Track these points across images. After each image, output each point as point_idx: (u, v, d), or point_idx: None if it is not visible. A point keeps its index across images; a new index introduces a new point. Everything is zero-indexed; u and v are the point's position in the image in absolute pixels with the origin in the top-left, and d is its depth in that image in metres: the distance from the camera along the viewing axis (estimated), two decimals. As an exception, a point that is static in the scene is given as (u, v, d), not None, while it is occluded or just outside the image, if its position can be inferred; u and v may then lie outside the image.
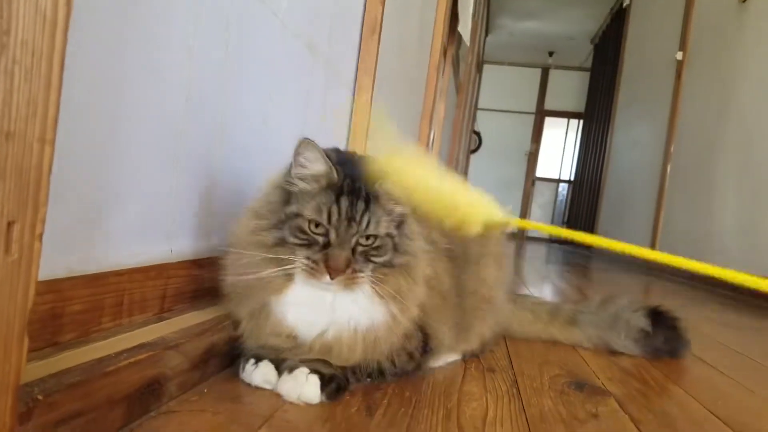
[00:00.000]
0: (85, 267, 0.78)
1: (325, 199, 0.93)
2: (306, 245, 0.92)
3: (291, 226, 0.93)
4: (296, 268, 0.92)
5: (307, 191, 0.95)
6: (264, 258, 0.93)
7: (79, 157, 0.74)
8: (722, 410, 1.12)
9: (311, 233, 0.92)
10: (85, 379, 0.64)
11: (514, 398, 1.06)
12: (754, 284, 0.45)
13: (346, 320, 0.97)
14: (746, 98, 4.24)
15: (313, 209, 0.92)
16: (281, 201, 0.96)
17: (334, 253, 0.91)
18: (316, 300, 0.95)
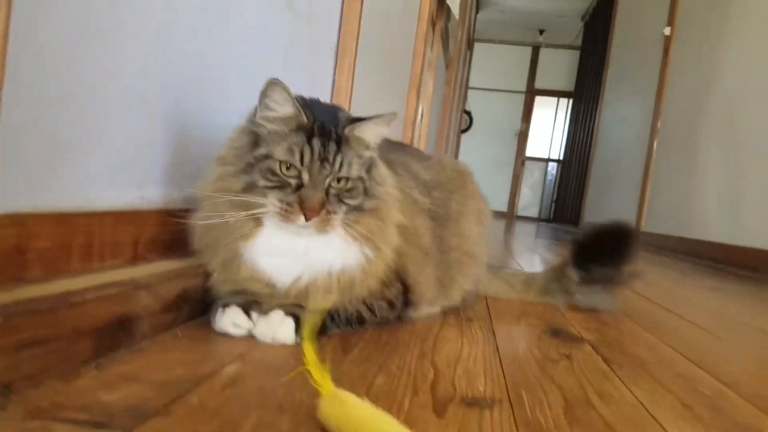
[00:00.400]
0: (52, 204, 0.77)
1: (297, 141, 0.92)
2: (278, 187, 0.91)
3: (261, 168, 0.91)
4: (267, 211, 0.91)
5: (277, 133, 0.93)
6: (231, 202, 0.92)
7: (47, 92, 0.73)
8: (693, 354, 1.14)
9: (283, 175, 0.91)
10: (49, 307, 0.64)
11: (490, 342, 1.07)
12: None
13: (319, 264, 0.97)
14: (731, 73, 4.24)
15: (284, 150, 0.91)
16: (249, 145, 0.95)
17: (308, 194, 0.90)
18: (288, 246, 0.95)
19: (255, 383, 0.73)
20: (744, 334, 1.50)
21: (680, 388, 0.91)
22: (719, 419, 0.78)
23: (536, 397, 0.79)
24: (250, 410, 0.64)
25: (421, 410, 0.70)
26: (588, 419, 0.73)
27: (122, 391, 0.65)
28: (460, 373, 0.87)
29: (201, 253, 0.99)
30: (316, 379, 0.62)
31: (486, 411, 0.72)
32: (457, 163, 1.43)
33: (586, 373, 0.94)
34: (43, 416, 0.56)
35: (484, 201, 1.41)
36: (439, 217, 1.27)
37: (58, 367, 0.66)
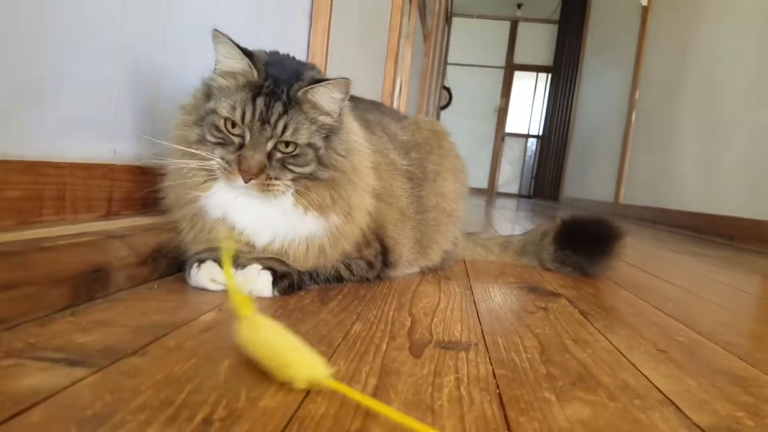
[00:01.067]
0: (21, 153, 0.76)
1: (241, 98, 0.89)
2: (221, 144, 0.89)
3: (208, 123, 0.89)
4: (212, 167, 0.89)
5: (225, 88, 0.91)
6: (185, 152, 0.90)
7: (11, 34, 0.71)
8: (670, 309, 1.16)
9: (227, 132, 0.89)
10: (20, 251, 0.63)
11: (467, 297, 1.09)
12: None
13: (284, 231, 0.96)
14: (707, 42, 4.28)
15: (227, 107, 0.88)
16: (203, 96, 0.93)
17: (246, 154, 0.87)
18: (249, 205, 0.93)
19: (232, 328, 0.72)
20: (720, 292, 1.54)
21: (656, 336, 0.93)
22: (695, 363, 0.80)
23: (512, 342, 0.81)
24: (227, 351, 0.64)
25: (399, 352, 0.71)
26: (563, 361, 0.75)
27: (98, 334, 0.64)
28: (437, 321, 0.88)
29: (171, 210, 0.97)
30: (236, 305, 0.62)
31: (462, 353, 0.73)
32: (432, 123, 1.42)
33: (562, 323, 0.95)
34: (17, 355, 0.56)
35: (461, 160, 1.41)
36: (416, 177, 1.27)
37: (33, 313, 0.66)
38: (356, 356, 0.67)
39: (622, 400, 0.63)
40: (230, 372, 0.58)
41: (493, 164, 11.05)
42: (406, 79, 4.53)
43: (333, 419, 0.50)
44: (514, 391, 0.61)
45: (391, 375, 0.62)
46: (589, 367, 0.73)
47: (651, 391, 0.66)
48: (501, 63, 10.87)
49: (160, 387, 0.52)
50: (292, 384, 0.55)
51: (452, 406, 0.56)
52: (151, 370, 0.56)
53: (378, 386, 0.59)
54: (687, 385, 0.70)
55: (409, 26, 4.34)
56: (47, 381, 0.51)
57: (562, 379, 0.67)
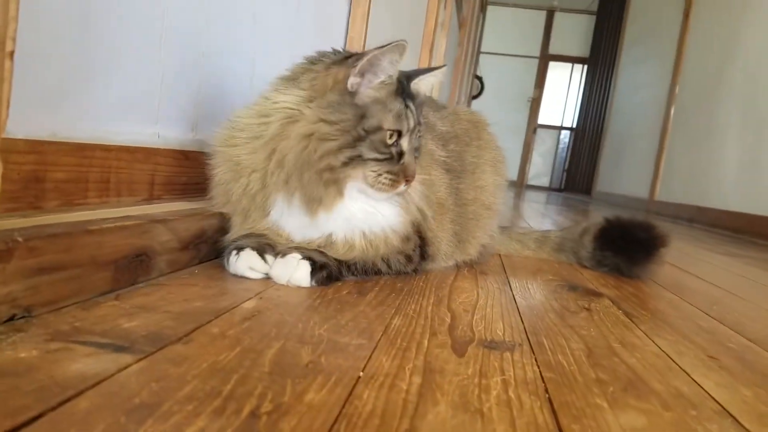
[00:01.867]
0: (69, 134, 0.75)
1: (399, 106, 0.92)
2: (387, 159, 0.91)
3: (373, 141, 0.90)
4: (366, 184, 0.92)
5: (379, 100, 0.91)
6: (324, 184, 0.90)
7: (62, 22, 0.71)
8: (716, 312, 1.12)
9: (390, 146, 0.91)
10: (66, 232, 0.63)
11: (506, 293, 1.06)
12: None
13: (364, 225, 0.97)
14: (753, 37, 4.13)
15: (392, 119, 0.91)
16: (355, 118, 0.90)
17: (411, 162, 0.93)
18: (349, 212, 0.95)
19: (274, 317, 0.72)
20: (766, 296, 1.48)
21: (705, 341, 0.89)
22: (747, 371, 0.77)
23: (557, 343, 0.78)
24: (270, 341, 0.63)
25: (441, 349, 0.69)
26: (611, 365, 0.72)
27: (141, 319, 0.64)
28: (477, 319, 0.86)
29: (219, 198, 0.97)
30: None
31: (507, 353, 0.71)
32: (472, 113, 1.39)
33: (607, 324, 0.93)
34: (64, 338, 0.55)
35: (500, 150, 1.38)
36: (455, 170, 1.25)
37: (78, 295, 0.66)
38: (398, 352, 0.66)
39: (677, 409, 0.60)
40: (275, 363, 0.57)
41: (524, 156, 10.91)
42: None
43: (380, 418, 0.49)
44: (564, 396, 0.59)
45: (436, 374, 0.61)
46: (640, 373, 0.70)
47: (706, 401, 0.64)
48: (535, 53, 10.69)
49: (205, 377, 0.52)
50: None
51: (501, 409, 0.54)
52: (196, 358, 0.55)
53: (423, 385, 0.57)
54: (743, 395, 0.67)
55: (445, 14, 4.29)
56: (94, 367, 0.50)
57: (612, 385, 0.65)
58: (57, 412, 0.42)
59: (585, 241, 1.48)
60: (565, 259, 1.51)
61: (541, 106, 10.80)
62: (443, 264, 1.23)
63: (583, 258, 1.47)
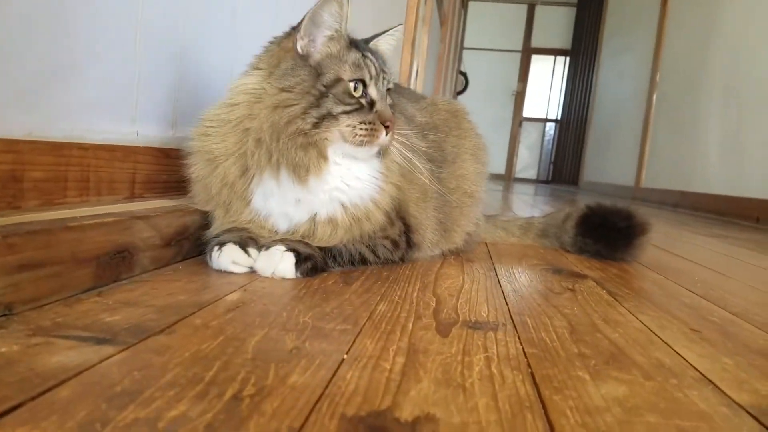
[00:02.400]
0: (45, 133, 0.75)
1: (356, 56, 0.93)
2: (357, 110, 0.91)
3: (335, 94, 0.90)
4: (346, 140, 0.92)
5: (332, 55, 0.92)
6: (302, 149, 0.90)
7: (34, 19, 0.70)
8: (700, 289, 1.14)
9: (356, 96, 0.92)
10: (45, 229, 0.63)
11: (491, 279, 1.07)
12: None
13: (345, 197, 0.97)
14: (731, 23, 4.18)
15: (352, 69, 0.92)
16: (310, 76, 0.91)
17: (382, 107, 0.94)
18: (340, 179, 0.96)
19: (258, 308, 0.72)
20: (750, 273, 1.50)
21: (688, 316, 0.91)
22: (730, 343, 0.78)
23: (540, 322, 0.79)
24: (254, 329, 0.63)
25: (425, 331, 0.70)
26: (594, 340, 0.73)
27: (124, 313, 0.64)
28: (462, 302, 0.87)
29: (200, 194, 0.97)
30: None
31: (490, 332, 0.72)
32: (450, 103, 1.40)
33: (590, 303, 0.94)
34: (45, 333, 0.55)
35: (481, 138, 1.38)
36: (435, 160, 1.25)
37: (60, 292, 0.65)
38: (383, 335, 0.66)
39: (657, 378, 0.61)
40: (258, 349, 0.57)
41: (511, 149, 10.95)
42: (423, 64, 4.49)
43: (363, 396, 0.49)
44: (546, 370, 0.60)
45: (419, 354, 0.61)
46: (622, 347, 0.71)
47: (687, 370, 0.65)
48: (518, 47, 10.73)
49: (188, 364, 0.52)
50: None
51: (484, 384, 0.55)
52: (178, 348, 0.55)
53: (406, 364, 0.58)
54: (724, 364, 0.68)
55: (425, 11, 4.30)
56: (75, 358, 0.50)
57: (594, 359, 0.65)
58: (37, 401, 0.42)
59: (567, 227, 1.49)
60: (549, 245, 1.52)
61: (526, 99, 10.84)
62: (429, 253, 1.23)
63: (566, 243, 1.49)
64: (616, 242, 1.41)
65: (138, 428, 0.40)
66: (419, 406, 0.48)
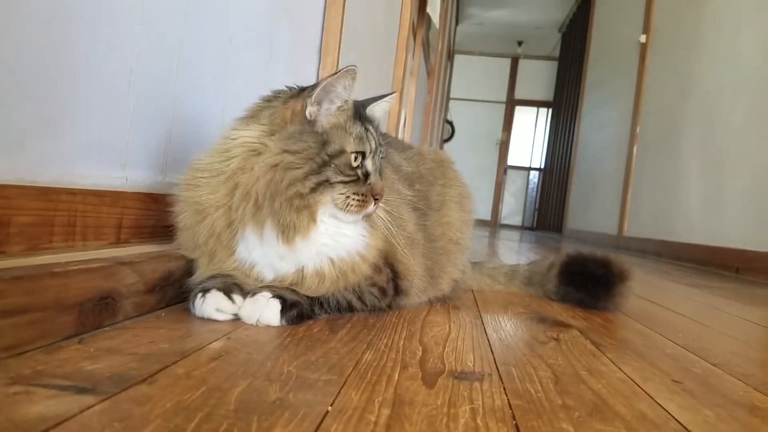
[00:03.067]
0: (35, 178, 0.76)
1: (359, 130, 0.95)
2: (354, 181, 0.94)
3: (337, 164, 0.92)
4: (336, 207, 0.94)
5: (338, 125, 0.95)
6: (296, 210, 0.91)
7: (27, 65, 0.72)
8: (681, 340, 1.15)
9: (355, 168, 0.94)
10: (31, 275, 0.62)
11: (477, 327, 1.07)
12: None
13: (333, 251, 0.97)
14: (707, 76, 4.33)
15: (354, 141, 0.94)
16: (317, 144, 0.92)
17: (376, 181, 0.96)
18: (325, 238, 0.96)
19: (241, 357, 0.71)
20: (731, 324, 1.51)
21: (670, 367, 0.91)
22: (711, 394, 0.78)
23: (526, 372, 0.79)
24: (237, 379, 0.63)
25: (411, 381, 0.69)
26: (578, 391, 0.73)
27: (106, 361, 0.63)
28: (448, 351, 0.87)
29: (186, 243, 0.97)
30: None
31: (476, 383, 0.72)
32: (437, 153, 1.43)
33: (574, 353, 0.94)
34: (25, 382, 0.55)
35: (466, 187, 1.41)
36: (421, 209, 1.27)
37: (40, 340, 0.65)
38: (368, 386, 0.66)
39: (640, 430, 0.61)
40: (241, 401, 0.57)
41: (496, 196, 11.09)
42: (411, 113, 4.58)
43: (348, 449, 0.49)
44: (530, 422, 0.60)
45: (405, 405, 0.61)
46: (605, 398, 0.71)
47: (669, 422, 0.65)
48: (502, 98, 11.02)
49: (169, 416, 0.51)
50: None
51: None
52: (160, 398, 0.55)
53: (392, 416, 0.57)
54: (705, 416, 0.69)
55: (413, 63, 4.41)
56: (56, 408, 0.49)
57: (578, 410, 0.65)
58: (15, 453, 0.41)
59: (551, 275, 1.50)
60: (534, 293, 1.53)
61: (510, 148, 11.06)
62: (417, 299, 1.23)
63: (549, 291, 1.50)
64: (596, 290, 1.41)
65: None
66: (404, 460, 0.48)
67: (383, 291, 1.09)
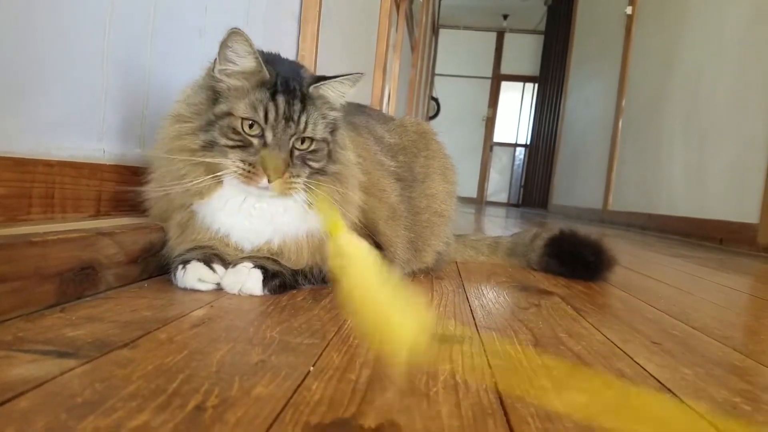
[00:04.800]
0: (10, 149, 0.75)
1: (260, 97, 0.88)
2: (240, 147, 0.87)
3: (221, 126, 0.87)
4: (229, 172, 0.86)
5: (238, 88, 0.89)
6: (190, 163, 0.87)
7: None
8: (662, 305, 1.17)
9: (245, 134, 0.87)
10: (8, 244, 0.62)
11: (459, 295, 1.08)
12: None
13: (286, 229, 0.95)
14: (692, 49, 4.33)
15: (246, 107, 0.87)
16: (207, 101, 0.89)
17: (272, 154, 0.86)
18: (248, 208, 0.92)
19: (224, 323, 0.72)
20: (713, 291, 1.54)
21: (650, 330, 0.93)
22: (689, 354, 0.80)
23: (506, 335, 0.80)
24: (219, 344, 0.63)
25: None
26: (557, 352, 0.74)
27: (87, 328, 0.63)
28: (430, 317, 0.87)
29: (157, 217, 0.96)
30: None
31: (456, 345, 0.73)
32: (419, 124, 1.42)
33: (555, 318, 0.95)
34: (6, 348, 0.55)
35: (449, 159, 1.41)
36: (405, 179, 1.27)
37: (21, 308, 0.65)
38: (350, 349, 0.67)
39: (618, 387, 0.62)
40: (223, 363, 0.57)
41: (482, 173, 11.10)
42: (395, 88, 4.55)
43: (328, 405, 0.49)
44: (509, 380, 0.61)
45: (386, 366, 0.62)
46: (584, 358, 0.73)
47: (647, 380, 0.66)
48: (488, 73, 10.96)
49: (151, 377, 0.51)
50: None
51: (448, 393, 0.55)
52: (141, 361, 0.55)
53: (372, 376, 0.58)
54: (683, 373, 0.70)
55: (396, 37, 4.37)
56: (36, 371, 0.50)
57: (557, 369, 0.67)
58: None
59: (535, 245, 1.52)
60: (517, 263, 1.55)
61: (496, 124, 11.03)
62: (401, 271, 1.24)
63: (532, 261, 1.51)
64: (579, 271, 1.42)
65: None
66: (383, 414, 0.49)
67: None
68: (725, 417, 0.56)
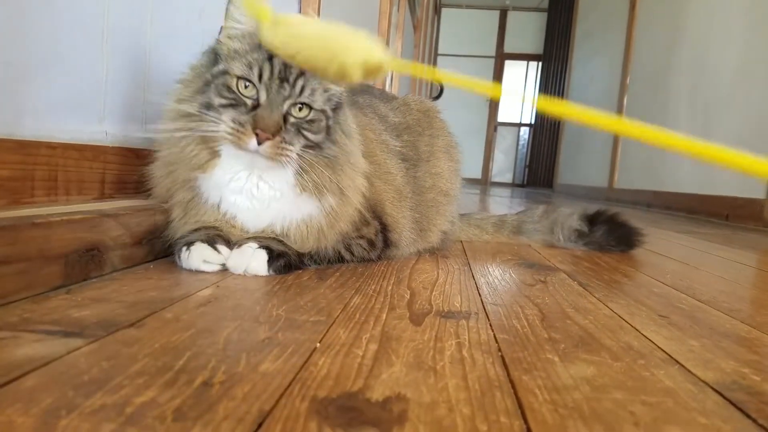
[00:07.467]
0: (12, 131, 0.74)
1: (257, 56, 0.86)
2: (233, 106, 0.85)
3: (217, 84, 0.85)
4: (218, 131, 0.84)
5: (238, 50, 0.88)
6: (186, 128, 0.86)
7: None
8: (669, 280, 1.16)
9: (239, 93, 0.85)
10: (11, 225, 0.62)
11: (465, 273, 1.08)
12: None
13: (282, 214, 0.94)
14: (695, 25, 4.28)
15: (242, 66, 0.85)
16: (209, 63, 0.89)
17: (263, 113, 0.84)
18: (254, 188, 0.91)
19: (231, 302, 0.72)
20: (720, 265, 1.53)
21: (657, 304, 0.92)
22: (697, 327, 0.79)
23: (512, 311, 0.80)
24: (226, 322, 0.63)
25: (399, 321, 0.70)
26: (564, 326, 0.74)
27: (93, 309, 0.63)
28: (436, 294, 0.87)
29: (161, 197, 0.96)
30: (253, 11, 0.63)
31: (462, 321, 0.73)
32: (422, 102, 1.41)
33: (561, 293, 0.95)
34: (12, 328, 0.55)
35: (452, 137, 1.40)
36: (410, 159, 1.26)
37: (27, 290, 0.65)
38: (356, 325, 0.67)
39: (625, 360, 0.62)
40: (229, 340, 0.57)
41: (487, 154, 11.05)
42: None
43: (335, 380, 0.49)
44: (516, 353, 0.61)
45: (392, 341, 0.62)
46: (591, 332, 0.72)
47: (654, 351, 0.66)
48: (491, 52, 10.86)
49: (157, 355, 0.51)
50: (348, 74, 0.58)
51: (454, 366, 0.55)
52: (148, 339, 0.55)
53: (379, 350, 0.58)
54: (690, 345, 0.70)
55: (398, 16, 4.32)
56: (42, 350, 0.50)
57: (564, 343, 0.66)
58: (1, 390, 0.42)
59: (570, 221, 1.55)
60: (526, 240, 1.54)
61: (500, 104, 10.95)
62: (406, 251, 1.24)
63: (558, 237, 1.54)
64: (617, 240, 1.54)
65: (105, 413, 0.40)
66: (390, 388, 0.49)
67: (372, 243, 1.09)
68: (733, 387, 0.56)
